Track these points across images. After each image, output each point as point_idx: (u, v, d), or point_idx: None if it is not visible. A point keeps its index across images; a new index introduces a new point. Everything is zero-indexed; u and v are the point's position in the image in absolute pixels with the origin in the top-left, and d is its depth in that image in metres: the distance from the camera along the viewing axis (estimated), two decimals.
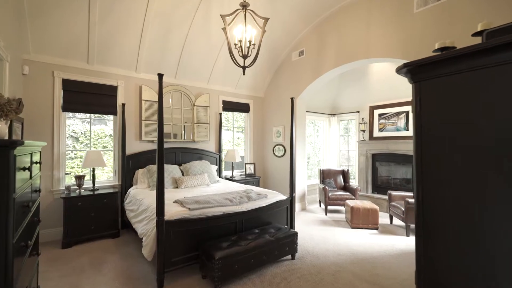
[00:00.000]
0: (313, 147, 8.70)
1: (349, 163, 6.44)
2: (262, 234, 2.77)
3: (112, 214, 3.56)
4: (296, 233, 2.92)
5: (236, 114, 5.86)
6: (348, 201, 4.41)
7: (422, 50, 3.24)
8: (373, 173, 5.58)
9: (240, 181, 4.95)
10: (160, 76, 2.37)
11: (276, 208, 3.26)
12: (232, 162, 5.16)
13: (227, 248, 2.41)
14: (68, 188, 3.41)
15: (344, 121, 6.46)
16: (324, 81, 4.87)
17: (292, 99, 3.51)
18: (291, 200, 3.46)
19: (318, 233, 3.85)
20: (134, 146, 4.16)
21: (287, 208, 3.42)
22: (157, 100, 4.28)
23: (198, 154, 4.81)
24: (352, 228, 4.09)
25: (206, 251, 2.41)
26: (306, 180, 5.59)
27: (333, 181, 5.35)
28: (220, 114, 5.20)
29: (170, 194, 3.30)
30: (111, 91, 3.95)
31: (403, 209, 3.84)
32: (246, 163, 5.49)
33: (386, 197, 5.13)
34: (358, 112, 5.90)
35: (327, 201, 4.83)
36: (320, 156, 6.66)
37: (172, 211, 2.53)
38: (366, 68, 5.33)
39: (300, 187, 5.19)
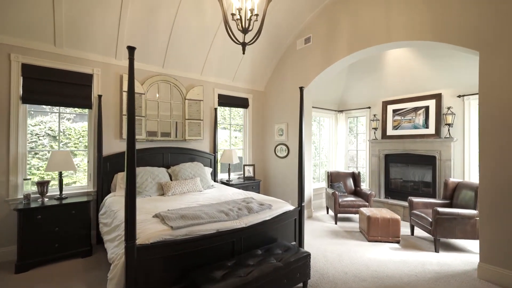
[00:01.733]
0: (315, 146, 8.15)
1: (358, 164, 5.87)
2: (267, 257, 2.16)
3: (83, 228, 2.94)
4: (309, 255, 2.32)
5: (234, 110, 5.25)
6: (362, 209, 3.83)
7: (461, 28, 2.67)
8: (386, 176, 5.00)
9: (238, 186, 4.34)
10: (131, 50, 1.76)
11: (283, 221, 2.66)
12: (229, 164, 4.56)
13: (222, 280, 1.81)
14: (27, 196, 2.78)
15: (352, 118, 5.88)
16: (334, 72, 4.29)
17: (301, 88, 2.92)
18: (300, 211, 2.86)
19: (331, 248, 3.26)
20: (113, 146, 3.54)
21: (295, 220, 2.83)
22: (142, 92, 3.66)
23: (189, 155, 4.19)
24: (369, 241, 3.51)
25: (194, 284, 1.81)
26: (312, 184, 5.00)
27: (342, 185, 4.76)
28: (216, 109, 4.59)
29: (151, 205, 2.68)
30: (85, 80, 3.32)
31: (430, 219, 3.26)
32: (244, 165, 4.88)
33: (402, 203, 4.56)
34: (369, 108, 5.32)
35: (337, 208, 4.24)
36: (323, 157, 6.07)
37: (149, 231, 1.91)
38: (379, 59, 4.76)
39: (306, 192, 4.60)
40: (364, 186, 5.39)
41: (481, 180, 2.57)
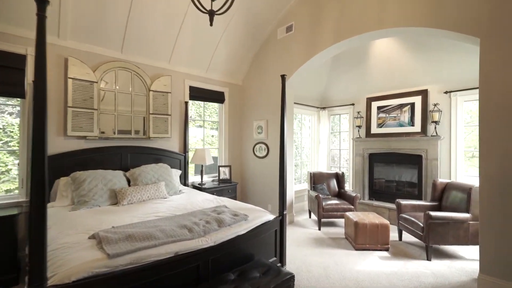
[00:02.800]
0: (296, 146, 7.84)
1: (340, 164, 5.60)
2: (241, 284, 1.71)
3: (7, 250, 2.29)
4: (292, 277, 1.89)
5: (211, 106, 4.74)
6: (348, 214, 3.50)
7: (460, 12, 2.38)
8: (370, 176, 4.75)
9: (212, 190, 3.84)
10: (40, 10, 1.21)
11: (261, 234, 2.22)
12: (202, 166, 4.04)
13: None
14: None
15: (335, 116, 5.59)
16: (318, 63, 3.93)
17: (283, 76, 2.49)
18: (281, 221, 2.44)
19: (316, 260, 2.87)
20: (55, 145, 2.89)
21: (276, 232, 2.40)
22: (94, 79, 3.04)
23: (154, 155, 3.62)
24: (357, 249, 3.17)
25: None
26: (293, 186, 4.62)
27: (325, 187, 4.43)
28: (186, 103, 4.05)
29: (95, 219, 2.11)
30: (16, 62, 2.65)
31: (421, 224, 2.98)
32: (219, 166, 4.39)
33: (387, 204, 4.32)
34: (352, 104, 5.05)
35: (321, 212, 3.89)
36: (304, 157, 5.74)
37: (74, 263, 1.37)
38: (364, 52, 4.48)
39: (288, 195, 4.19)
40: (348, 187, 5.12)
41: (481, 181, 2.30)
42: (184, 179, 3.93)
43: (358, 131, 4.85)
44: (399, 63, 4.20)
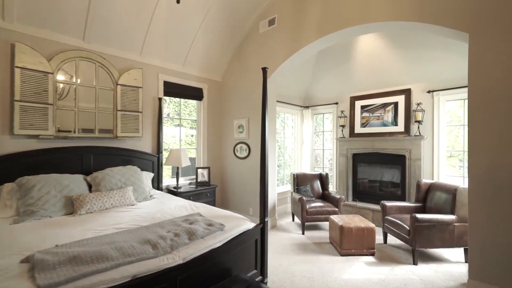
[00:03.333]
0: (279, 146, 7.69)
1: (323, 165, 5.48)
2: None
3: None
4: None
5: (190, 104, 4.42)
6: (333, 218, 3.33)
7: (448, 6, 2.28)
8: (354, 177, 4.65)
9: (189, 194, 3.54)
10: None
11: (240, 245, 1.98)
12: (178, 168, 3.72)
13: None
14: None
15: (319, 115, 5.46)
16: (302, 59, 3.75)
17: (264, 69, 2.27)
18: (262, 229, 2.21)
19: (300, 269, 2.66)
20: None
21: (257, 242, 2.16)
22: (49, 70, 2.65)
23: (123, 157, 3.25)
24: (342, 255, 3.01)
25: None
26: (276, 187, 4.42)
27: (309, 189, 4.26)
28: (160, 99, 3.71)
29: (39, 234, 1.76)
30: None
31: (407, 227, 2.88)
32: (197, 168, 4.09)
33: (371, 206, 4.23)
34: (336, 103, 4.93)
35: (305, 216, 3.71)
36: (288, 157, 5.57)
37: None
38: (348, 50, 4.36)
39: (270, 198, 3.99)
40: (332, 188, 5.00)
41: (471, 182, 2.20)
42: (157, 183, 3.59)
43: (342, 130, 4.73)
44: (383, 62, 4.12)
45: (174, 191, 3.54)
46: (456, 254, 3.03)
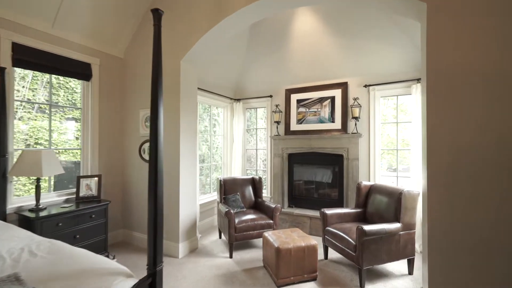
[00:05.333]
0: (208, 145, 6.78)
1: (257, 167, 4.83)
2: None
3: None
4: None
5: (70, 87, 3.06)
6: (268, 235, 2.63)
7: None
8: (290, 180, 4.12)
9: (58, 219, 2.29)
10: None
11: None
12: (38, 179, 2.40)
13: None
14: None
15: (252, 110, 4.78)
16: (231, 37, 2.94)
17: (155, 12, 1.34)
18: (152, 284, 1.27)
19: None
20: None
21: None
22: None
23: None
24: (279, 286, 2.32)
25: None
26: (198, 196, 3.51)
27: (239, 197, 3.49)
28: (3, 71, 2.32)
29: None
30: None
31: (353, 242, 2.39)
32: (80, 177, 2.82)
33: (308, 212, 3.75)
34: (270, 96, 4.33)
35: (233, 234, 2.91)
36: (218, 158, 4.73)
37: None
38: (284, 34, 3.77)
39: (189, 212, 3.04)
40: (266, 193, 4.37)
41: (429, 183, 1.77)
42: (3, 200, 2.21)
43: (277, 127, 4.15)
44: (320, 51, 3.68)
45: (28, 218, 2.23)
46: (398, 265, 2.71)
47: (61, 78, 3.25)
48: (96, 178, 2.89)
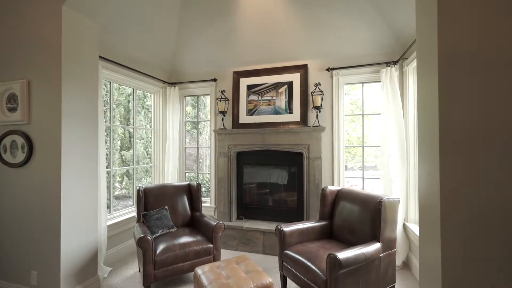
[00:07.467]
0: (145, 144, 5.71)
1: (200, 169, 3.90)
2: None
3: None
4: None
5: None
6: (199, 272, 1.74)
7: None
8: (239, 186, 3.30)
9: None
10: None
11: None
12: None
13: None
14: None
15: (192, 97, 3.83)
16: None
17: None
18: None
19: None
20: None
21: None
22: None
23: None
24: None
25: None
26: (105, 214, 2.44)
27: (167, 213, 2.53)
28: None
29: None
30: None
31: (323, 276, 1.67)
32: None
33: (261, 225, 2.99)
34: (214, 80, 3.45)
35: (151, 272, 1.94)
36: (156, 160, 3.65)
37: None
38: (229, 2, 2.94)
39: (83, 242, 1.98)
40: (209, 203, 3.47)
41: (421, 188, 1.13)
42: None
43: (222, 119, 3.29)
44: (276, 23, 2.95)
45: None
46: None
47: None
48: None
